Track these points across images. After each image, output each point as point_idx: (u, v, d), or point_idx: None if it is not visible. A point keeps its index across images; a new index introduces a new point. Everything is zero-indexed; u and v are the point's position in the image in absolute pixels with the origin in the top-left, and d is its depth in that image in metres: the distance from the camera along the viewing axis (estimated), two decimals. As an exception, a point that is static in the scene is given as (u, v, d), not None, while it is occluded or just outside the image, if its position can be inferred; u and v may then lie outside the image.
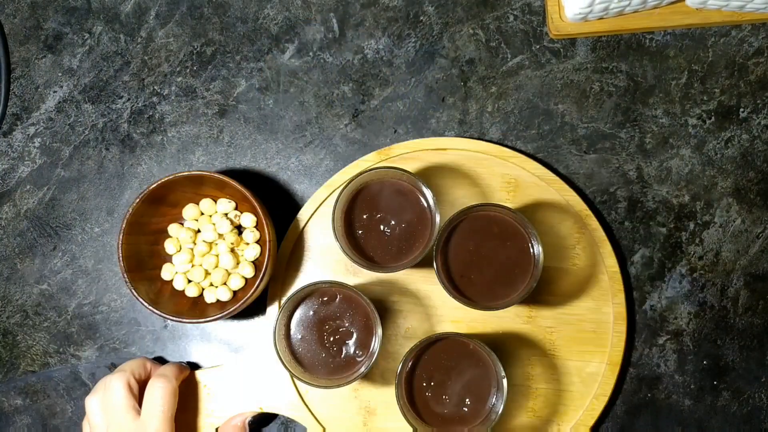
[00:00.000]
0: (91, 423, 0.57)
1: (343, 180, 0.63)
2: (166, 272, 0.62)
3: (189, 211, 0.63)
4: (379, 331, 0.55)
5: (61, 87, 0.68)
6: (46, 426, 0.66)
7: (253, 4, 0.67)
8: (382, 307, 0.62)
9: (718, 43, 0.65)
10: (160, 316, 0.58)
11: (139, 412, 0.56)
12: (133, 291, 0.58)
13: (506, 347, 0.62)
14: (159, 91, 0.67)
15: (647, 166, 0.65)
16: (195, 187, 0.62)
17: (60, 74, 0.68)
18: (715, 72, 0.65)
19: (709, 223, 0.64)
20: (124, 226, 0.58)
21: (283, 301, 0.54)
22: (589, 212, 0.62)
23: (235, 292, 0.62)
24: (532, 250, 0.56)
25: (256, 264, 0.63)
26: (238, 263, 0.62)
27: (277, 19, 0.67)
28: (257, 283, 0.58)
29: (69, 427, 0.66)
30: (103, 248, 0.67)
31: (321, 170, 0.66)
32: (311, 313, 0.58)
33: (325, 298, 0.58)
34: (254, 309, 0.65)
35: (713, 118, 0.65)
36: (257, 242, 0.63)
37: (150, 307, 0.58)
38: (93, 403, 0.57)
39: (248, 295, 0.58)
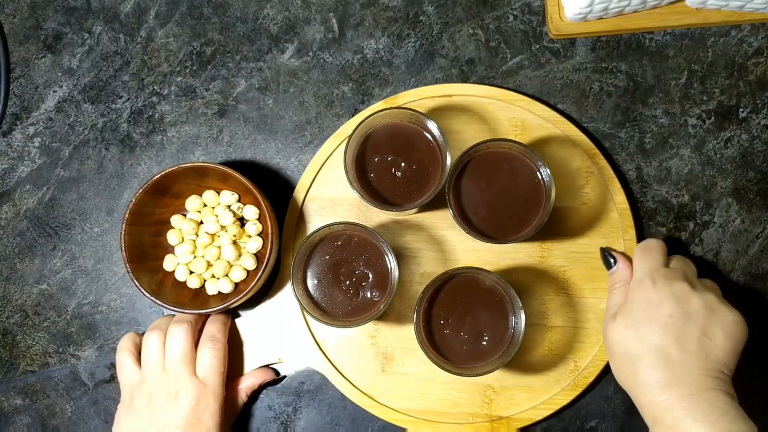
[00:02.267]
0: (146, 357, 0.58)
1: (350, 130, 0.61)
2: (168, 263, 0.63)
3: (192, 202, 0.63)
4: (396, 269, 0.56)
5: (61, 87, 0.68)
6: (46, 426, 0.66)
7: (253, 4, 0.67)
8: (396, 254, 0.61)
9: (717, 43, 0.65)
10: (161, 306, 0.59)
11: (194, 370, 0.58)
12: (135, 281, 0.58)
13: (520, 288, 0.62)
14: (159, 90, 0.67)
15: (647, 166, 0.65)
16: (198, 179, 0.62)
17: (60, 74, 0.68)
18: (715, 72, 0.65)
19: (709, 223, 0.64)
20: (127, 215, 0.58)
21: (297, 246, 0.55)
22: (597, 150, 0.63)
23: (236, 284, 0.63)
24: (542, 181, 0.57)
25: (258, 256, 0.63)
26: (240, 255, 0.62)
27: (276, 19, 0.67)
28: (259, 275, 0.59)
29: (69, 427, 0.66)
30: (102, 248, 0.67)
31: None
32: (326, 256, 0.58)
33: (339, 242, 0.58)
34: (254, 302, 0.65)
35: (713, 118, 0.65)
36: (259, 234, 0.63)
37: (152, 298, 0.58)
38: (153, 340, 0.58)
39: (250, 287, 0.59)
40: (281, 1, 0.67)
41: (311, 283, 0.58)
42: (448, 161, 0.55)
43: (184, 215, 0.64)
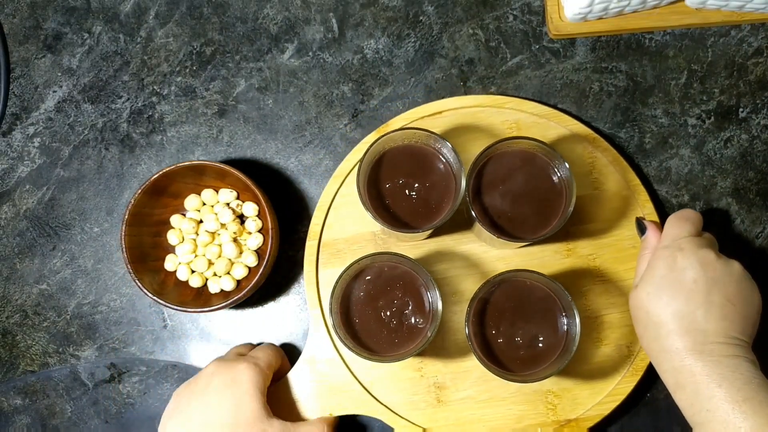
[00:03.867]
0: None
1: (348, 168, 0.63)
2: (170, 263, 0.63)
3: (191, 201, 0.63)
4: (436, 291, 0.53)
5: (61, 87, 0.68)
6: (46, 426, 0.66)
7: (253, 4, 0.67)
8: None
9: (717, 43, 0.65)
10: (164, 306, 0.59)
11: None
12: (137, 282, 0.58)
13: None
14: (158, 90, 0.67)
15: (646, 166, 0.64)
16: (196, 178, 0.62)
17: (59, 74, 0.68)
18: (715, 72, 0.65)
19: (709, 224, 0.64)
20: (126, 216, 0.58)
21: (330, 291, 0.54)
22: (596, 135, 0.63)
23: (238, 282, 0.63)
24: (559, 172, 0.56)
25: (259, 253, 0.63)
26: (241, 252, 0.63)
27: (276, 19, 0.67)
28: (260, 271, 0.59)
29: (68, 427, 0.66)
30: (102, 248, 0.67)
31: (320, 170, 0.66)
32: (361, 293, 0.56)
33: (370, 276, 0.56)
34: (257, 299, 0.65)
35: (712, 118, 0.65)
36: (260, 231, 0.63)
37: (154, 298, 0.58)
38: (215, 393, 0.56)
39: (252, 283, 0.59)
40: (281, 1, 0.67)
41: (353, 325, 0.56)
42: (462, 173, 0.54)
43: (184, 215, 0.64)
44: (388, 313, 0.55)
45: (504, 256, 0.62)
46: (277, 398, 0.60)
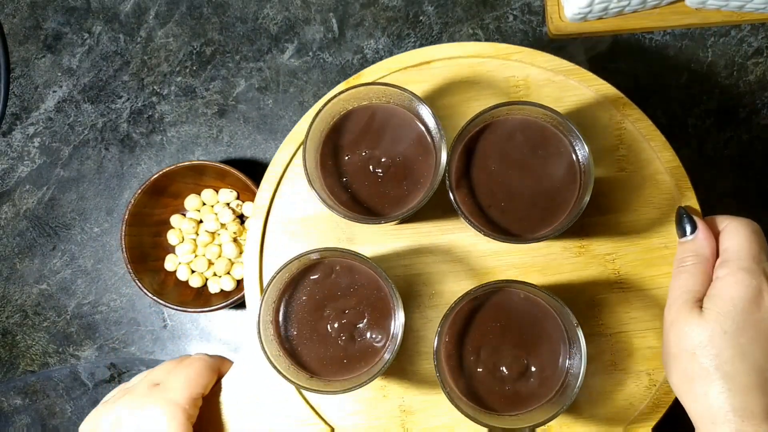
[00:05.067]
0: None
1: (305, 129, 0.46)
2: (170, 263, 0.63)
3: (191, 201, 0.63)
4: (399, 300, 0.42)
5: (61, 87, 0.68)
6: (46, 426, 0.66)
7: (253, 3, 0.67)
8: (393, 276, 0.50)
9: (717, 43, 0.65)
10: (164, 306, 0.59)
11: None
12: (137, 282, 0.58)
13: (560, 293, 0.49)
14: (158, 90, 0.67)
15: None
16: (196, 178, 0.62)
17: (59, 74, 0.68)
18: (715, 72, 0.65)
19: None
20: (126, 217, 0.59)
21: (262, 293, 0.42)
22: (627, 100, 0.49)
23: (238, 282, 0.63)
24: (574, 152, 0.44)
25: (258, 257, 0.63)
26: (241, 252, 0.63)
27: (276, 19, 0.67)
28: None
29: (68, 427, 0.66)
30: (102, 248, 0.67)
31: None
32: (303, 297, 0.44)
33: (317, 275, 0.44)
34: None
35: (713, 118, 0.65)
36: None
37: (155, 298, 0.58)
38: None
39: None
40: (281, 1, 0.67)
41: (290, 336, 0.44)
42: (442, 145, 0.42)
43: (184, 215, 0.64)
44: (336, 326, 0.44)
45: (497, 250, 0.49)
46: (206, 418, 0.48)
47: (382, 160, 0.44)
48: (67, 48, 0.68)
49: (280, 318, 0.44)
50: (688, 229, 0.45)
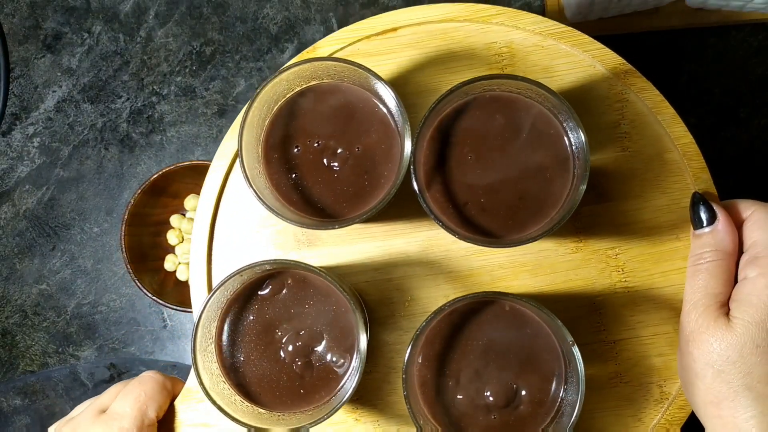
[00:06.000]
0: None
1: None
2: (169, 263, 0.63)
3: (190, 201, 0.63)
4: (361, 317, 0.36)
5: (60, 87, 0.68)
6: (45, 426, 0.66)
7: (253, 3, 0.67)
8: (360, 283, 0.43)
9: (718, 43, 0.65)
10: (164, 306, 0.59)
11: None
12: (136, 282, 0.58)
13: (554, 298, 0.43)
14: (158, 90, 0.67)
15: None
16: (196, 178, 0.62)
17: (59, 74, 0.68)
18: (715, 72, 0.65)
19: (709, 223, 0.64)
20: (126, 216, 0.59)
21: (198, 314, 0.36)
22: (630, 66, 0.43)
23: None
24: (566, 134, 0.37)
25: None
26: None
27: (276, 19, 0.67)
28: None
29: (68, 427, 0.66)
30: (102, 248, 0.67)
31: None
32: (251, 317, 0.38)
33: (265, 291, 0.38)
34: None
35: (713, 118, 0.65)
36: None
37: (154, 298, 0.58)
38: None
39: None
40: (281, 1, 0.67)
41: (235, 364, 0.38)
42: (407, 133, 0.36)
43: (183, 215, 0.64)
44: (291, 349, 0.37)
45: (481, 248, 0.42)
46: None
47: (338, 151, 0.38)
48: (66, 48, 0.68)
49: (223, 343, 0.38)
50: (705, 218, 0.38)
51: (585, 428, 0.42)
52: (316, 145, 0.38)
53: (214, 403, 0.35)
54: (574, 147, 0.37)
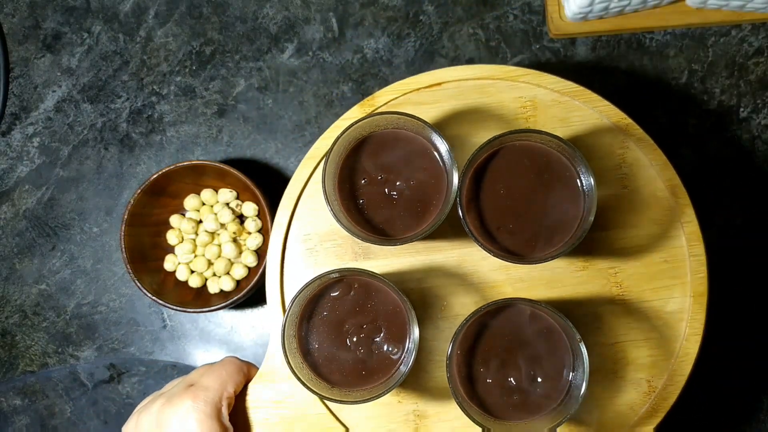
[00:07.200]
0: None
1: (326, 147, 0.52)
2: (169, 263, 0.63)
3: (190, 201, 0.63)
4: (413, 314, 0.45)
5: (60, 86, 0.68)
6: (45, 426, 0.66)
7: (253, 3, 0.67)
8: (406, 289, 0.53)
9: (718, 43, 0.65)
10: (164, 306, 0.59)
11: None
12: (136, 282, 0.58)
13: (565, 304, 0.52)
14: (158, 90, 0.67)
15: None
16: (196, 178, 0.62)
17: (59, 74, 0.68)
18: (715, 72, 0.65)
19: (710, 224, 0.64)
20: (125, 217, 0.59)
21: (286, 310, 0.46)
22: (630, 120, 0.52)
23: (238, 282, 0.63)
24: (579, 178, 0.46)
25: (259, 253, 0.63)
26: (240, 252, 0.63)
27: (276, 19, 0.67)
28: (260, 271, 0.59)
29: (68, 427, 0.66)
30: (102, 248, 0.67)
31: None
32: (324, 313, 0.48)
33: (337, 293, 0.48)
34: (257, 299, 0.65)
35: (713, 117, 0.65)
36: (259, 231, 0.63)
37: (154, 298, 0.58)
38: None
39: (251, 283, 0.59)
40: (281, 0, 0.67)
41: (311, 349, 0.48)
42: (454, 171, 0.45)
43: (183, 215, 0.64)
44: (355, 340, 0.47)
45: (506, 265, 0.52)
46: (233, 420, 0.50)
47: (397, 184, 0.48)
48: (66, 48, 0.68)
49: (303, 332, 0.47)
50: None
51: (588, 411, 0.51)
52: (379, 178, 0.48)
53: (297, 377, 0.44)
54: (584, 186, 0.46)
